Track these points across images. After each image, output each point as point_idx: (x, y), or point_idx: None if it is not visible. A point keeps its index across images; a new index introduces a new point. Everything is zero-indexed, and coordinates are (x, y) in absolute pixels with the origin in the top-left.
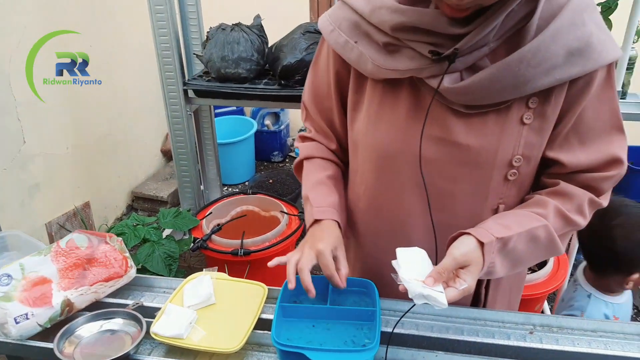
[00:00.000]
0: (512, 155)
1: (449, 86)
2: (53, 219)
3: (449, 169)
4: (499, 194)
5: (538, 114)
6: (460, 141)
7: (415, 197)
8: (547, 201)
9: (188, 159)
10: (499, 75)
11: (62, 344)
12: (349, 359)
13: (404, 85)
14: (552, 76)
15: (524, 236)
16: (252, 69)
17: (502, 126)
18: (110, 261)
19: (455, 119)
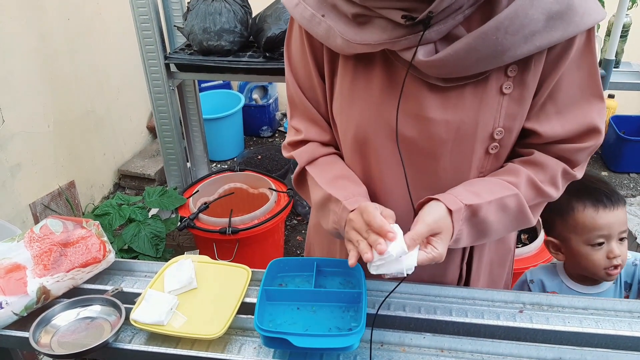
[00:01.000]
0: (492, 128)
1: (424, 59)
2: (37, 200)
3: (428, 146)
4: (480, 167)
5: (518, 82)
6: (438, 117)
7: (396, 176)
8: (520, 170)
9: (173, 135)
10: (475, 45)
11: (38, 333)
12: (334, 343)
13: (376, 60)
14: (531, 43)
15: (494, 205)
16: (236, 41)
17: (480, 98)
18: (88, 246)
19: (431, 94)
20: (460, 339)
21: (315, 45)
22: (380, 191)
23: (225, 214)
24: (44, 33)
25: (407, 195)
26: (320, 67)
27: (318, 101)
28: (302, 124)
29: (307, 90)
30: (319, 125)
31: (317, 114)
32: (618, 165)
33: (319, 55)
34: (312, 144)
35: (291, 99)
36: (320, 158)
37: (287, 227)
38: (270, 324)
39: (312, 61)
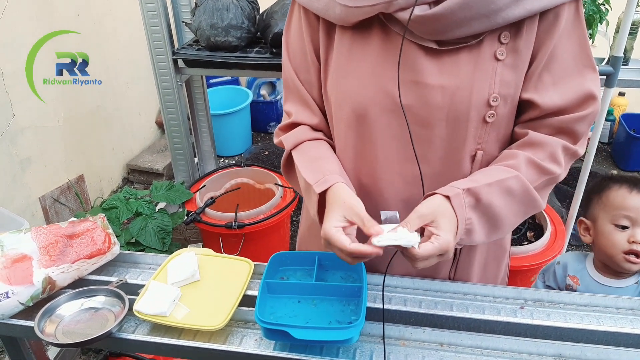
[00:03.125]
0: (488, 94)
1: (419, 14)
2: (47, 193)
3: (424, 113)
4: (477, 138)
5: (511, 49)
6: (433, 82)
7: (392, 149)
8: (517, 153)
9: (180, 130)
10: (468, 1)
11: (43, 322)
12: (333, 336)
13: (373, 29)
14: (522, 6)
15: (495, 188)
16: (243, 37)
17: (475, 63)
18: (93, 238)
19: (426, 59)
20: (460, 333)
21: (312, 24)
22: (376, 166)
23: (231, 208)
24: (53, 29)
25: (403, 166)
26: (316, 46)
27: (311, 83)
28: (294, 107)
29: (301, 72)
30: (310, 107)
31: (309, 96)
32: (627, 163)
33: (314, 33)
34: (300, 127)
35: (285, 83)
36: (305, 142)
37: (293, 223)
38: (271, 317)
39: (307, 39)
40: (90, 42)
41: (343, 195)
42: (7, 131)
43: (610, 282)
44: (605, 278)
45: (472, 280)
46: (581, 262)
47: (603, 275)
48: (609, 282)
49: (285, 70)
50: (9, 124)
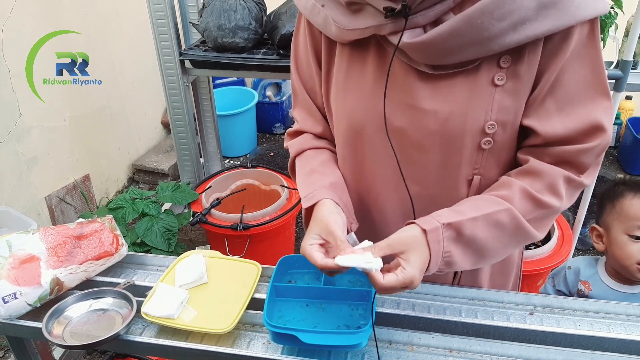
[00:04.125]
0: (484, 121)
1: (408, 41)
2: (53, 192)
3: (418, 137)
4: (473, 163)
5: (511, 74)
6: (426, 107)
7: (388, 168)
8: (513, 182)
9: (186, 131)
10: (459, 28)
11: (51, 324)
12: (342, 340)
13: (370, 47)
14: (521, 32)
15: (481, 222)
16: (250, 38)
17: (471, 89)
18: (101, 239)
19: (420, 83)
20: (469, 339)
21: (315, 35)
22: (374, 184)
23: (237, 209)
24: (60, 28)
25: (400, 188)
26: (319, 56)
27: (315, 91)
28: (300, 115)
29: (306, 80)
30: (314, 116)
31: (313, 105)
32: (634, 167)
33: (318, 44)
34: (304, 135)
35: (293, 89)
36: (307, 151)
37: (298, 224)
38: (279, 320)
39: (311, 50)
40: (97, 41)
41: (322, 214)
42: (13, 130)
43: (622, 287)
44: (618, 284)
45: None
46: (593, 267)
47: (615, 281)
48: (621, 288)
49: (292, 77)
50: (15, 123)
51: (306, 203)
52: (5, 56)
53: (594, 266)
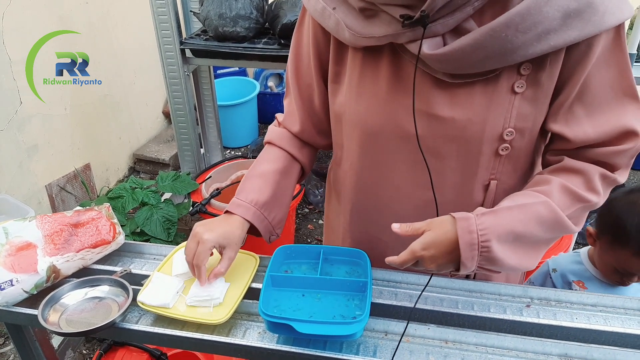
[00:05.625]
0: (502, 129)
1: (429, 52)
2: (53, 181)
3: (435, 144)
4: (490, 169)
5: (532, 81)
6: (445, 115)
7: (402, 173)
8: (550, 178)
9: (187, 121)
10: (483, 42)
11: (47, 311)
12: (337, 330)
13: (384, 53)
14: (545, 42)
15: (517, 211)
16: (251, 28)
17: (490, 97)
18: (98, 227)
19: (438, 90)
20: (465, 331)
21: (319, 36)
22: (387, 190)
23: None
24: (62, 16)
25: (414, 191)
26: (322, 57)
27: (312, 88)
28: (286, 107)
29: (303, 75)
30: (295, 115)
31: (300, 103)
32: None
33: (322, 45)
34: (283, 131)
35: (287, 80)
36: (275, 147)
37: (299, 216)
38: (275, 310)
39: (314, 49)
40: (98, 29)
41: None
42: (14, 118)
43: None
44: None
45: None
46: (579, 264)
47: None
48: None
49: (288, 69)
50: (16, 112)
51: (230, 207)
52: (5, 44)
53: (579, 262)
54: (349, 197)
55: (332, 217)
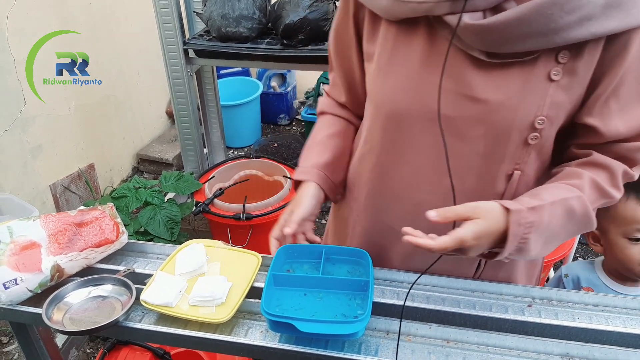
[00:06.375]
0: (534, 116)
1: (470, 22)
2: (57, 181)
3: (462, 126)
4: (516, 158)
5: (568, 70)
6: (477, 95)
7: (424, 158)
8: (581, 172)
9: (190, 121)
10: (528, 16)
11: (51, 310)
12: (339, 330)
13: (419, 28)
14: (585, 28)
15: (558, 206)
16: (254, 28)
17: (526, 81)
18: (101, 227)
19: (473, 69)
20: (466, 330)
21: (358, 14)
22: (407, 173)
23: (240, 200)
24: (66, 17)
25: (434, 178)
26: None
27: (351, 61)
28: (331, 80)
29: (341, 49)
30: (339, 86)
31: (341, 75)
32: None
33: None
34: (330, 101)
35: (329, 53)
36: (327, 115)
37: None
38: (277, 309)
39: (351, 23)
40: (101, 30)
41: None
42: (18, 118)
43: (626, 289)
44: (621, 285)
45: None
46: (592, 272)
47: (618, 282)
48: (625, 290)
49: (329, 43)
50: (20, 112)
51: (297, 175)
52: (10, 44)
53: (592, 270)
54: (364, 180)
55: (342, 206)
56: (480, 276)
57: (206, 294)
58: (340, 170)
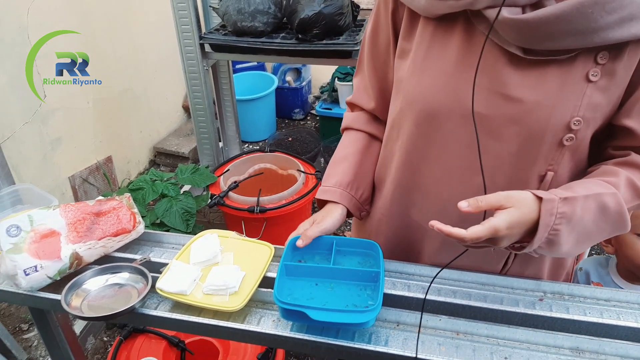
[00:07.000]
0: (570, 117)
1: (509, 16)
2: (76, 173)
3: (495, 125)
4: (549, 159)
5: (607, 71)
6: (512, 93)
7: (455, 155)
8: (618, 170)
9: (206, 115)
10: (569, 14)
11: (69, 296)
12: (350, 319)
13: (456, 25)
14: (626, 29)
15: (592, 201)
16: (269, 22)
17: (563, 81)
18: (119, 216)
19: (509, 67)
20: (476, 323)
21: (397, 13)
22: (436, 170)
23: (254, 193)
24: (84, 12)
25: (465, 179)
26: (396, 29)
27: (388, 65)
28: (357, 85)
29: (375, 49)
30: (368, 92)
31: (372, 79)
32: None
33: (398, 22)
34: (358, 114)
35: (360, 56)
36: (351, 131)
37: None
38: (289, 298)
39: (388, 21)
40: (119, 24)
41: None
42: (38, 111)
43: (636, 288)
44: (630, 284)
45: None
46: (604, 268)
47: (628, 281)
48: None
49: (364, 43)
50: (40, 105)
51: (320, 195)
52: (30, 38)
53: (605, 267)
54: (392, 176)
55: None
56: (506, 273)
57: (220, 283)
58: (365, 187)
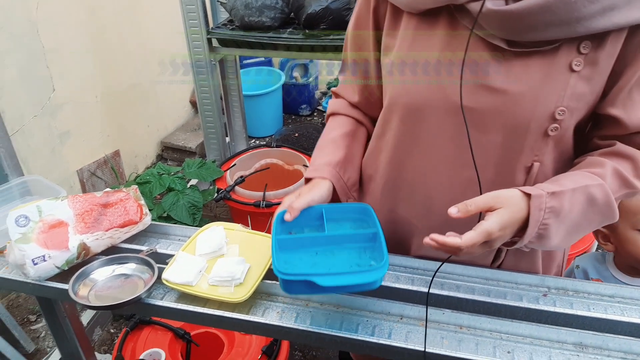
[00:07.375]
0: (555, 107)
1: (493, 8)
2: (84, 166)
3: (480, 116)
4: (535, 150)
5: (590, 60)
6: (497, 85)
7: (442, 149)
8: (604, 161)
9: (213, 110)
10: (551, 4)
11: (77, 286)
12: (359, 279)
13: (440, 19)
14: (608, 18)
15: (579, 194)
16: (277, 17)
17: (547, 71)
18: (126, 208)
19: (493, 59)
20: (480, 317)
21: (378, 9)
22: (424, 164)
23: (260, 188)
24: (93, 7)
25: (454, 172)
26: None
27: (367, 58)
28: (343, 80)
29: (358, 44)
30: (353, 87)
31: (357, 73)
32: None
33: (380, 18)
34: (342, 101)
35: (344, 52)
36: (339, 115)
37: None
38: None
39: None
40: (127, 18)
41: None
42: (47, 105)
43: (636, 281)
44: (630, 278)
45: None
46: (602, 264)
47: (628, 275)
48: (634, 282)
49: (346, 40)
50: (49, 99)
51: (309, 173)
52: (39, 32)
53: (602, 262)
54: (381, 173)
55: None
56: (500, 266)
57: (225, 274)
58: (352, 171)
